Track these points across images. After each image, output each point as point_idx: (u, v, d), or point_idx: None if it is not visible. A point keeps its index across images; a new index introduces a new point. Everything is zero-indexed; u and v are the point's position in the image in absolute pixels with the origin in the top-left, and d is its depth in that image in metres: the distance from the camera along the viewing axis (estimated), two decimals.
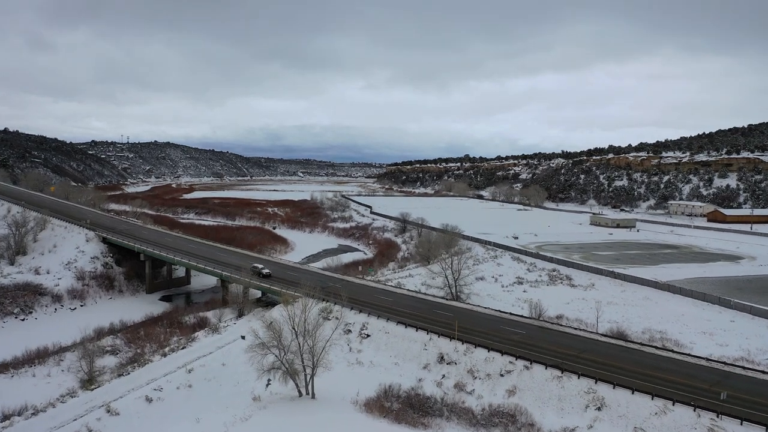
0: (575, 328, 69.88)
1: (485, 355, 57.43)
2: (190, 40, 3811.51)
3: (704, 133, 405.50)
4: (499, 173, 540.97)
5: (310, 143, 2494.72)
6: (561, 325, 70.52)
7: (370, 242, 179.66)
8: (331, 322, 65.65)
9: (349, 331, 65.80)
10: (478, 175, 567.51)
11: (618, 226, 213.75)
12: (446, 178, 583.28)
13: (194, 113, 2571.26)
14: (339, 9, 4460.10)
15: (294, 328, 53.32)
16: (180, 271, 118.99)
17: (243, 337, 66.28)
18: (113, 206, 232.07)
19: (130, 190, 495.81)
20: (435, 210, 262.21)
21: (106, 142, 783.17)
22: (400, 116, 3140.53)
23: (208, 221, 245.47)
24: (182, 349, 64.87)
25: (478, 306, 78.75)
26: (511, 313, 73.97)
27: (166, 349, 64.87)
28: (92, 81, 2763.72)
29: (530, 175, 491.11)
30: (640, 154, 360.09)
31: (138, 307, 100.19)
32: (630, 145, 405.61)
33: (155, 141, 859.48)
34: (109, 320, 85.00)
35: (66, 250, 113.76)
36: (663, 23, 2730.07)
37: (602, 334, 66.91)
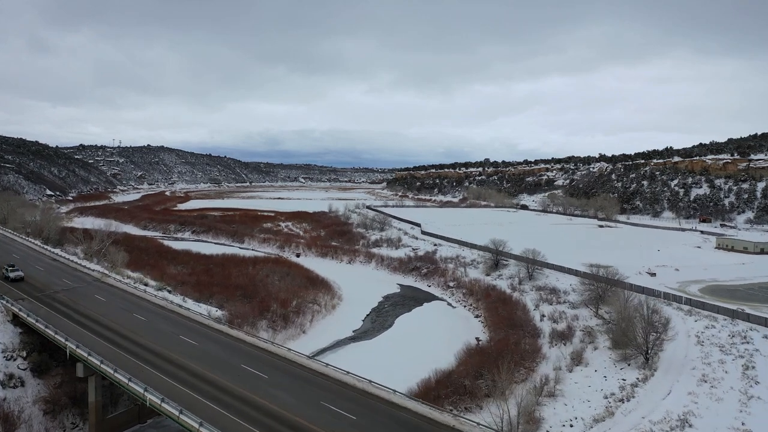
0: None
1: None
2: (193, 43, 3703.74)
3: (757, 134, 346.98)
4: (529, 179, 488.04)
5: (309, 148, 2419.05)
6: None
7: (450, 283, 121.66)
8: None
9: None
10: (503, 180, 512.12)
11: (762, 252, 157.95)
12: (467, 184, 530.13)
13: (193, 118, 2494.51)
14: (350, 11, 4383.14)
15: None
16: None
17: None
18: (78, 222, 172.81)
19: (118, 198, 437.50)
20: (495, 227, 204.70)
21: (96, 146, 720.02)
22: (401, 120, 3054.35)
23: (210, 242, 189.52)
24: None
25: None
26: None
27: None
28: (92, 85, 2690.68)
29: (568, 181, 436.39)
30: (721, 156, 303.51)
31: None
32: (694, 146, 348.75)
33: (148, 145, 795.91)
34: None
35: None
36: (679, 24, 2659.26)
37: None
